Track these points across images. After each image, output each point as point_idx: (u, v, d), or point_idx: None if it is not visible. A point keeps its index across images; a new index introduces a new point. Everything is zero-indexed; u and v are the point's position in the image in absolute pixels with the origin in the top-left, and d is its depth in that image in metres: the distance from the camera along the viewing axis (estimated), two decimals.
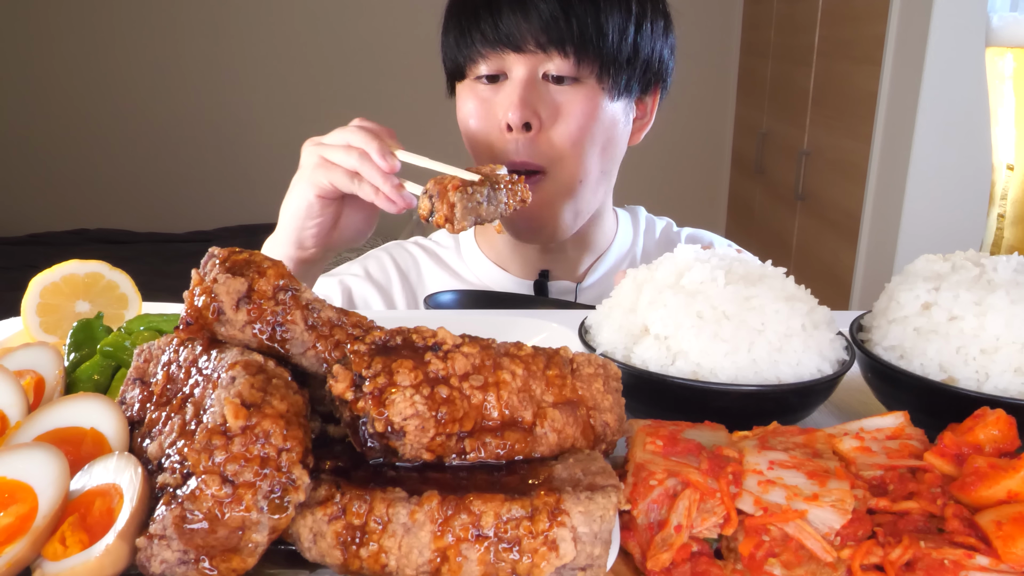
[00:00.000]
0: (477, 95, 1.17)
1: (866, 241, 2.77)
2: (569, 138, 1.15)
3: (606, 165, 1.24)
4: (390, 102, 4.27)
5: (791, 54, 3.44)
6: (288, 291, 0.57)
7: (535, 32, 1.11)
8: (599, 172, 1.23)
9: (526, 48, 1.12)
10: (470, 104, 1.18)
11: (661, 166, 4.05)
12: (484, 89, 1.17)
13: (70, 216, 4.35)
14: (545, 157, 1.16)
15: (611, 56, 1.14)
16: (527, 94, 1.13)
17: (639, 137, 1.31)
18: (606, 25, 1.13)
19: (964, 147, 2.41)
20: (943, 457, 0.55)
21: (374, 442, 0.50)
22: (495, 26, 1.12)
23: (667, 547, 0.50)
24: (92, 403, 0.57)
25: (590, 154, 1.18)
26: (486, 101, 1.17)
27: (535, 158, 1.16)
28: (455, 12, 1.18)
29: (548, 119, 1.15)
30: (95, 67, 4.30)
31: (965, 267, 0.71)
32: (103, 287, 0.86)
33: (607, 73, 1.15)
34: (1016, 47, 0.86)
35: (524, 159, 1.15)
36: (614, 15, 1.14)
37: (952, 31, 2.34)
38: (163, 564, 0.45)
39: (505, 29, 1.12)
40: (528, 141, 1.14)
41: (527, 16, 1.11)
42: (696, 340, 0.68)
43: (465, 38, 1.15)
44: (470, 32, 1.14)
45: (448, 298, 1.14)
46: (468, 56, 1.16)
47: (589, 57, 1.13)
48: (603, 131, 1.18)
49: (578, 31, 1.11)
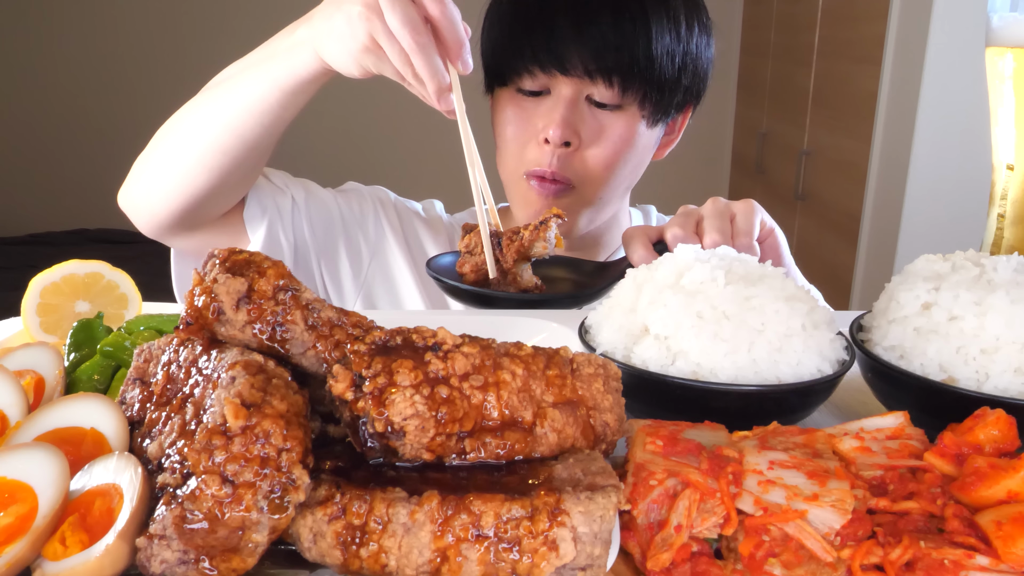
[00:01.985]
0: (518, 104, 1.18)
1: (866, 241, 2.77)
2: (604, 161, 1.17)
3: (630, 181, 1.27)
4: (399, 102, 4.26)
5: (791, 54, 3.44)
6: (288, 291, 0.57)
7: (584, 59, 1.10)
8: (624, 189, 1.27)
9: (574, 72, 1.12)
10: (509, 112, 1.19)
11: (661, 166, 4.05)
12: (525, 100, 1.17)
13: (70, 216, 4.35)
14: (576, 174, 1.19)
15: (656, 85, 1.14)
16: (570, 114, 1.14)
17: (664, 153, 1.33)
18: (656, 51, 1.12)
19: (964, 147, 2.41)
20: (943, 457, 0.55)
21: (374, 442, 0.50)
22: (547, 45, 1.10)
23: (667, 547, 0.50)
24: (92, 403, 0.57)
25: (619, 176, 1.21)
26: (526, 111, 1.17)
27: (566, 172, 1.18)
28: (504, 16, 1.16)
29: (587, 140, 1.16)
30: (95, 67, 4.30)
31: (965, 267, 0.71)
32: (103, 287, 0.86)
33: (650, 101, 1.16)
34: (1016, 47, 0.86)
35: (555, 171, 1.17)
36: (665, 39, 1.12)
37: (952, 31, 2.34)
38: (163, 564, 0.45)
39: (556, 50, 1.10)
40: (563, 156, 1.16)
41: (580, 38, 1.09)
42: (696, 340, 0.68)
43: (514, 46, 1.14)
44: (519, 43, 1.13)
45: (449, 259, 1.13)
46: (513, 67, 1.15)
47: (635, 87, 1.13)
48: (636, 155, 1.21)
49: (628, 61, 1.11)
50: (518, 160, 1.20)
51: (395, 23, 0.86)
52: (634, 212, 1.45)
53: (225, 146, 1.03)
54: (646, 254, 1.00)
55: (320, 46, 0.94)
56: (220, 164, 1.04)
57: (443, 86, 0.89)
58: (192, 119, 1.06)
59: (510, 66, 1.15)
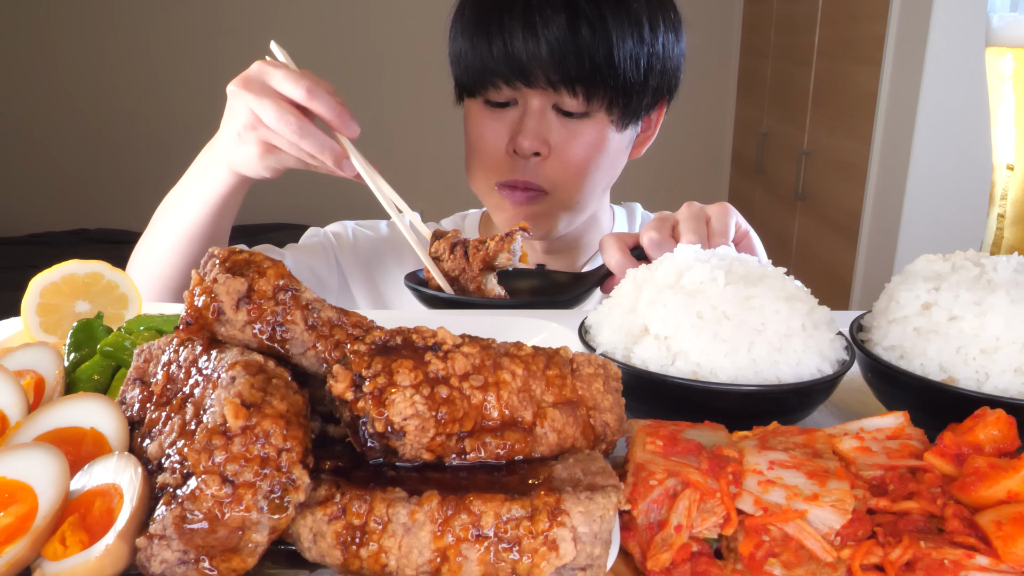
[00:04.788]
0: (486, 115, 1.18)
1: (866, 241, 2.77)
2: (575, 168, 1.18)
3: (607, 183, 1.27)
4: (391, 103, 4.27)
5: (791, 54, 3.44)
6: (288, 291, 0.57)
7: (547, 70, 1.10)
8: (601, 190, 1.27)
9: (537, 84, 1.12)
10: (478, 123, 1.19)
11: (661, 166, 4.05)
12: (494, 111, 1.17)
13: (70, 216, 4.35)
14: (549, 181, 1.19)
15: (622, 90, 1.14)
16: (538, 125, 1.14)
17: (641, 151, 1.33)
18: (618, 57, 1.11)
19: (964, 147, 2.41)
20: (943, 457, 0.55)
21: (374, 442, 0.50)
22: (508, 58, 1.11)
23: (667, 547, 0.50)
24: (92, 403, 0.57)
25: (593, 180, 1.21)
26: (494, 122, 1.18)
27: (538, 179, 1.18)
28: (467, 29, 1.15)
29: (556, 148, 1.16)
30: (95, 67, 4.30)
31: (965, 267, 0.71)
32: (103, 287, 0.86)
33: (617, 106, 1.16)
34: (1016, 47, 0.86)
35: (527, 179, 1.18)
36: (627, 44, 1.12)
37: (952, 31, 2.34)
38: (163, 564, 0.45)
39: (518, 63, 1.10)
40: (534, 165, 1.17)
41: (539, 50, 1.09)
42: (696, 340, 0.68)
43: (477, 60, 1.14)
44: (482, 57, 1.13)
45: None
46: (479, 80, 1.15)
47: (599, 94, 1.13)
48: (608, 159, 1.21)
49: (589, 69, 1.10)
50: (488, 170, 1.20)
51: (272, 123, 0.95)
52: (618, 210, 1.45)
53: (187, 252, 1.12)
54: (623, 259, 1.01)
55: (230, 161, 1.04)
56: (190, 259, 1.13)
57: (337, 157, 0.97)
58: (151, 254, 1.16)
59: (475, 79, 1.16)
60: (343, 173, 0.99)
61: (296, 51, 1.03)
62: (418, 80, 4.15)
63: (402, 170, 4.25)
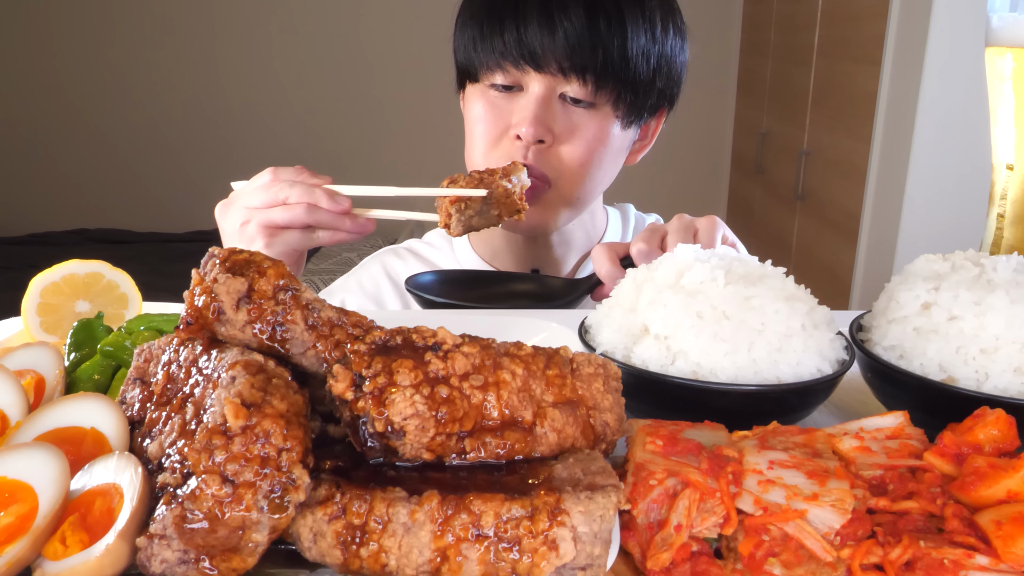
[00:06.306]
0: (489, 100, 1.17)
1: (866, 241, 2.77)
2: (578, 159, 1.17)
3: (604, 181, 1.28)
4: (392, 102, 4.27)
5: (791, 54, 3.44)
6: (288, 291, 0.57)
7: (559, 55, 1.10)
8: (599, 189, 1.28)
9: (547, 69, 1.11)
10: (481, 108, 1.18)
11: (661, 166, 4.06)
12: (497, 96, 1.17)
13: (70, 216, 4.36)
14: (552, 170, 1.18)
15: (631, 85, 1.14)
16: (543, 111, 1.13)
17: (636, 159, 1.33)
18: (631, 51, 1.11)
19: (964, 147, 2.41)
20: (943, 457, 0.55)
21: (374, 442, 0.50)
22: (519, 40, 1.10)
23: (667, 547, 0.50)
24: (92, 403, 0.57)
25: (593, 174, 1.21)
26: (498, 108, 1.17)
27: (542, 167, 1.18)
28: (476, 13, 1.16)
29: (560, 136, 1.16)
30: (95, 67, 4.30)
31: (965, 267, 0.71)
32: (103, 287, 0.86)
33: (623, 101, 1.16)
34: (1016, 47, 0.86)
35: (530, 164, 1.17)
36: (641, 39, 1.12)
37: (952, 31, 2.34)
38: (163, 564, 0.45)
39: (529, 46, 1.10)
40: (537, 152, 1.16)
41: (553, 35, 1.09)
42: (696, 340, 0.68)
43: (486, 43, 1.14)
44: (491, 39, 1.13)
45: (428, 279, 1.14)
46: (486, 63, 1.15)
47: (609, 86, 1.13)
48: (610, 155, 1.21)
49: (602, 59, 1.10)
50: (490, 156, 1.19)
51: (261, 204, 1.00)
52: (612, 211, 1.45)
53: None
54: (613, 269, 1.04)
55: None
56: None
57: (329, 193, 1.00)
58: None
59: (483, 62, 1.15)
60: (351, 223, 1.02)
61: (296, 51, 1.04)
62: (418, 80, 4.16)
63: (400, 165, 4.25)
